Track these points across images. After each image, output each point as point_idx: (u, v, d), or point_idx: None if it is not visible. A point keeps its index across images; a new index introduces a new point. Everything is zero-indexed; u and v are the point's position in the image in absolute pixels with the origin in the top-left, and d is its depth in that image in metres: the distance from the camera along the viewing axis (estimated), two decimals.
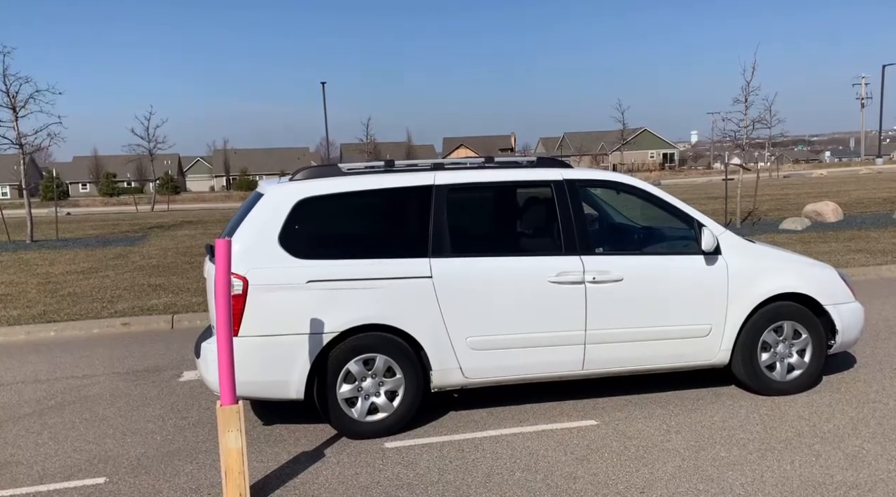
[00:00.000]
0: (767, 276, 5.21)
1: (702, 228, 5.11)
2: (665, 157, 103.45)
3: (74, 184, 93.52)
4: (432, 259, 4.78)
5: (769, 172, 49.52)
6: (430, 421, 4.99)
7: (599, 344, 4.98)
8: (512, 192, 5.14)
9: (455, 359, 4.81)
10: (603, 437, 4.60)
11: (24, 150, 18.46)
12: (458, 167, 5.11)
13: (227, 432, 3.78)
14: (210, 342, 4.63)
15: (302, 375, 4.60)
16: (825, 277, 5.39)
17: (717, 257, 5.14)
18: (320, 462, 4.37)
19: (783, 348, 5.28)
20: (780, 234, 14.49)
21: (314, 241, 4.70)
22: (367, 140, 69.37)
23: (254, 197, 4.99)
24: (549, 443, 4.53)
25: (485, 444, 4.56)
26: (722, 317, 5.13)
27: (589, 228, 5.10)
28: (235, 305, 4.50)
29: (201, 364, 4.73)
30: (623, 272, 4.97)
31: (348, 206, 4.82)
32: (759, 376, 5.21)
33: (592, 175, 5.26)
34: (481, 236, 5.03)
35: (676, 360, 5.15)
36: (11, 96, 17.80)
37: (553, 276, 4.88)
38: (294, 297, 4.56)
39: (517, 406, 5.23)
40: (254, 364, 4.54)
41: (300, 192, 4.75)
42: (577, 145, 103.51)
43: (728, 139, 18.73)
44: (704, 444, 4.43)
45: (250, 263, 4.55)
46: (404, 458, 4.37)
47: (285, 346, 4.56)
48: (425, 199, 4.87)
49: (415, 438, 4.68)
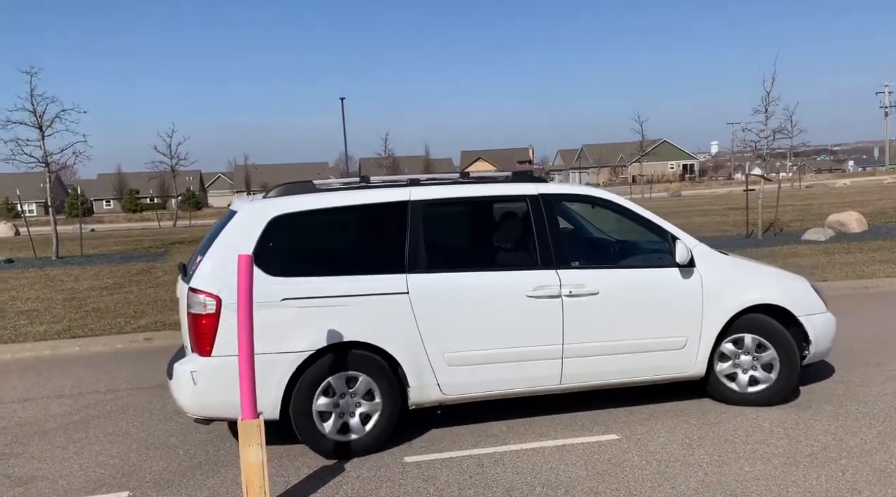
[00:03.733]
0: (741, 287, 5.25)
1: (675, 241, 5.14)
2: (685, 167, 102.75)
3: (99, 200, 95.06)
4: (409, 275, 4.74)
5: (791, 183, 48.97)
6: (450, 435, 4.98)
7: (577, 358, 4.98)
8: (488, 207, 5.16)
9: (433, 375, 4.77)
10: (624, 451, 4.56)
11: (50, 169, 18.82)
12: (434, 182, 5.08)
13: (248, 446, 3.80)
14: (183, 363, 4.56)
15: (277, 395, 4.53)
16: (798, 289, 5.45)
17: (691, 270, 5.16)
18: (340, 476, 4.38)
19: (746, 360, 5.29)
20: (802, 245, 14.31)
21: (289, 258, 4.65)
22: (385, 154, 69.79)
23: (227, 215, 4.93)
24: (569, 457, 4.50)
25: (505, 458, 4.53)
26: (697, 329, 5.15)
27: (565, 242, 5.12)
28: (208, 325, 4.43)
29: (174, 386, 4.62)
30: (599, 286, 4.97)
31: (323, 222, 4.79)
32: (716, 385, 5.30)
33: (567, 189, 5.32)
34: (458, 251, 5.06)
35: (654, 372, 5.16)
36: (38, 116, 18.19)
37: (530, 290, 4.87)
38: (268, 315, 4.49)
39: (537, 420, 5.20)
40: (227, 385, 4.43)
41: (274, 209, 4.71)
42: (595, 157, 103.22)
43: (749, 150, 18.56)
44: (728, 458, 4.37)
45: (224, 282, 4.46)
46: (424, 473, 4.36)
47: (260, 365, 4.43)
48: (401, 214, 4.84)
49: (435, 453, 4.67)
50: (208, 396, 4.49)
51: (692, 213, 25.73)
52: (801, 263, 11.91)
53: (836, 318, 5.60)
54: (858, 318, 8.10)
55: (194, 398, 4.50)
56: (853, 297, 9.56)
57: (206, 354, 4.47)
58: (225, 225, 4.75)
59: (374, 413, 4.71)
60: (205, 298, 4.45)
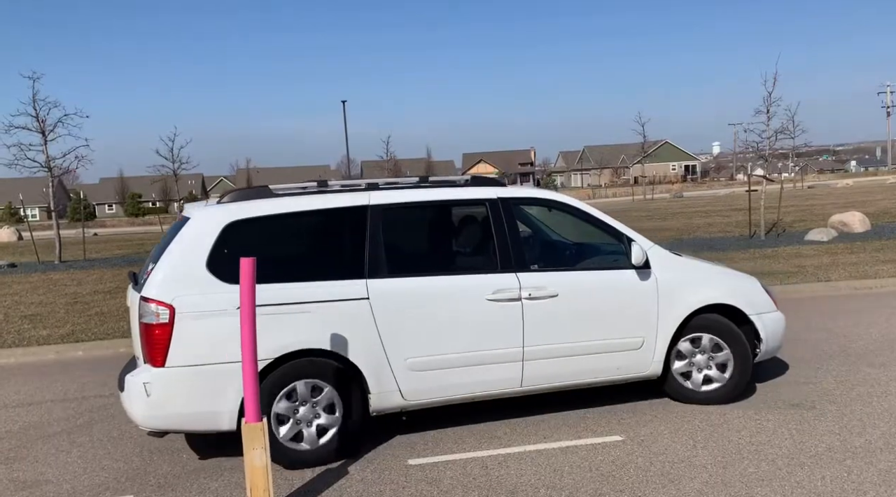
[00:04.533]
0: (695, 287, 5.34)
1: (631, 243, 5.20)
2: (687, 168, 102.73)
3: (101, 205, 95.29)
4: (369, 280, 4.69)
5: (793, 183, 48.91)
6: (453, 437, 4.98)
7: (537, 360, 4.99)
8: (447, 212, 5.17)
9: (394, 381, 4.73)
10: (628, 452, 4.55)
11: (52, 173, 18.88)
12: (394, 187, 5.06)
13: (252, 450, 3.80)
14: (135, 375, 4.45)
15: (235, 405, 4.41)
16: (749, 288, 5.57)
17: (646, 271, 5.22)
18: (344, 479, 4.38)
19: (701, 359, 5.38)
20: (805, 246, 14.29)
21: None
22: (387, 157, 69.85)
23: (180, 221, 4.83)
24: (573, 459, 4.50)
25: (509, 460, 4.53)
26: (654, 329, 5.21)
27: (524, 246, 5.15)
28: (161, 335, 4.33)
29: (125, 398, 4.50)
30: (558, 288, 5.00)
31: (280, 228, 4.71)
32: (672, 384, 5.38)
33: (526, 193, 5.37)
34: (418, 256, 5.05)
35: (612, 373, 5.21)
36: (41, 121, 18.24)
37: (490, 293, 4.87)
38: (224, 323, 4.39)
39: (541, 421, 5.20)
40: (182, 396, 4.37)
41: (229, 214, 4.62)
42: (597, 158, 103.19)
43: (750, 150, 18.56)
44: (732, 459, 4.36)
45: (177, 291, 4.38)
46: (428, 475, 4.36)
47: (216, 375, 4.38)
48: (360, 219, 4.80)
49: (438, 455, 4.67)
50: (162, 408, 4.37)
51: (694, 214, 25.70)
52: (805, 264, 11.90)
53: (785, 316, 5.74)
54: (863, 319, 8.09)
55: (148, 410, 4.37)
56: (857, 297, 9.54)
57: (160, 365, 4.35)
58: (178, 231, 4.64)
59: (332, 425, 4.63)
60: (157, 307, 4.34)
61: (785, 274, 11.01)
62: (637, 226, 21.66)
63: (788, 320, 8.13)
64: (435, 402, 4.91)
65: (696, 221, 22.23)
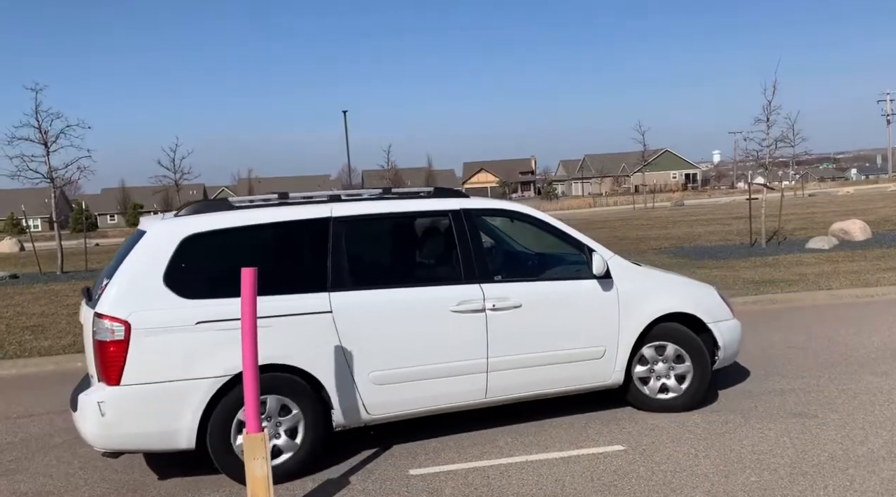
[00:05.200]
0: (655, 297, 5.40)
1: (592, 253, 5.23)
2: (687, 177, 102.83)
3: (103, 215, 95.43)
4: (332, 293, 4.63)
5: (794, 191, 48.93)
6: (455, 446, 4.97)
7: (501, 371, 4.99)
8: (410, 223, 5.17)
9: (357, 395, 4.68)
10: (630, 462, 4.54)
11: (55, 184, 18.93)
12: (356, 199, 5.03)
13: (252, 460, 3.80)
14: (88, 394, 4.35)
15: (193, 423, 4.33)
16: (707, 296, 5.66)
17: (607, 281, 5.26)
18: (346, 490, 4.37)
19: (662, 368, 5.43)
20: (806, 254, 14.28)
21: (204, 279, 4.48)
22: (387, 166, 69.99)
23: (135, 235, 4.71)
24: (575, 469, 4.49)
25: (511, 470, 4.52)
26: (615, 338, 5.25)
27: (487, 257, 5.16)
28: (116, 352, 4.22)
29: (78, 417, 4.39)
30: (521, 299, 5.01)
31: (240, 241, 4.63)
32: (635, 393, 5.42)
33: (488, 204, 5.40)
34: (381, 268, 5.03)
35: (575, 382, 5.24)
36: (43, 132, 18.31)
37: (454, 305, 4.86)
38: (183, 339, 4.31)
39: (542, 430, 5.19)
40: (138, 415, 4.26)
41: (187, 228, 4.53)
42: (597, 167, 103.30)
43: (751, 159, 18.58)
44: (734, 468, 4.35)
45: (133, 306, 4.27)
46: (429, 486, 4.35)
47: (173, 393, 4.29)
48: (322, 231, 4.74)
49: (440, 465, 4.66)
50: (117, 428, 4.25)
51: (695, 223, 25.72)
52: (806, 272, 11.89)
53: (741, 324, 5.81)
54: (864, 327, 8.08)
55: (102, 430, 4.26)
56: (858, 305, 9.53)
57: (115, 383, 4.23)
58: (133, 246, 4.52)
59: (297, 437, 4.55)
60: (112, 324, 4.23)
61: (786, 282, 11.00)
62: (639, 234, 21.73)
63: (790, 329, 8.16)
64: (400, 416, 4.87)
65: (697, 230, 22.23)
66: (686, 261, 14.34)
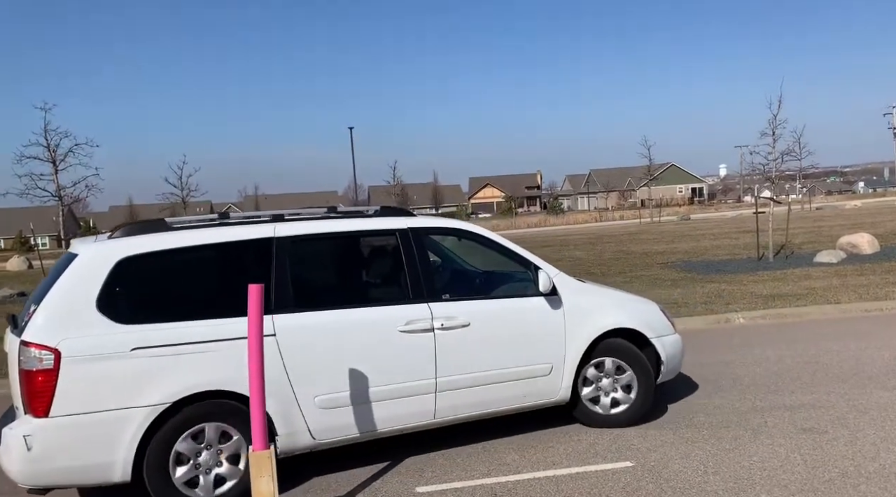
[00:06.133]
0: (600, 312, 5.46)
1: (538, 271, 5.26)
2: (694, 191, 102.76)
3: None
4: (275, 315, 4.50)
5: (801, 205, 48.81)
6: (462, 464, 4.94)
7: (449, 391, 4.95)
8: (357, 243, 5.11)
9: (303, 421, 4.55)
10: (638, 479, 4.50)
11: (63, 202, 19.09)
12: (300, 218, 4.93)
13: (259, 478, 3.79)
14: (13, 427, 4.09)
15: (129, 455, 4.13)
16: (649, 312, 5.73)
17: (553, 297, 5.30)
18: None
19: (607, 383, 5.48)
20: (814, 268, 14.21)
21: (139, 303, 4.31)
22: (394, 182, 70.24)
23: (66, 258, 4.49)
24: (583, 486, 4.45)
25: (518, 488, 4.49)
26: (562, 355, 5.28)
27: (435, 275, 5.17)
28: (45, 382, 4.00)
29: (2, 452, 4.11)
30: (469, 317, 5.00)
31: (177, 263, 4.47)
32: (582, 409, 5.48)
33: (436, 223, 5.40)
34: (327, 289, 4.93)
35: (523, 400, 5.23)
36: (52, 151, 18.51)
37: (402, 325, 4.81)
38: (117, 367, 4.12)
39: (549, 447, 5.16)
40: (69, 448, 4.04)
41: (121, 250, 4.35)
42: (603, 182, 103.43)
43: (757, 172, 18.57)
44: (744, 485, 4.30)
45: (63, 333, 4.07)
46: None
47: (108, 423, 4.09)
48: (265, 252, 4.62)
49: (446, 482, 4.63)
50: (46, 463, 4.01)
51: (702, 237, 25.65)
52: (815, 286, 11.83)
53: (682, 338, 5.92)
54: (873, 342, 8.01)
55: (28, 465, 4.01)
56: (868, 319, 9.46)
57: (42, 415, 4.01)
58: (64, 269, 4.32)
59: (233, 474, 4.40)
60: (40, 352, 4.02)
61: (794, 296, 10.94)
62: (645, 248, 21.68)
63: (799, 344, 8.10)
64: (346, 441, 4.76)
65: (704, 244, 22.17)
66: (693, 275, 14.29)
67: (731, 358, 7.64)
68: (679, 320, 9.65)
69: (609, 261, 18.53)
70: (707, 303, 10.77)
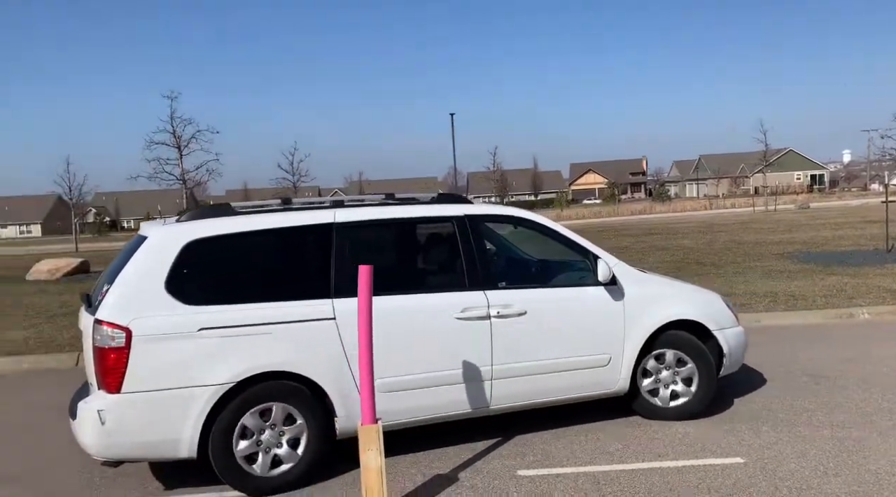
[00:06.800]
0: (661, 304, 5.34)
1: (597, 260, 5.18)
2: (813, 178, 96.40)
3: None
4: (335, 300, 4.56)
5: None
6: (564, 451, 4.92)
7: (505, 379, 4.92)
8: (414, 229, 5.10)
9: None
10: (750, 476, 4.32)
11: (186, 185, 20.43)
12: (359, 204, 4.96)
13: (367, 451, 3.93)
14: (88, 402, 4.26)
15: (195, 432, 4.24)
16: (712, 304, 5.59)
17: (613, 288, 5.22)
18: (455, 486, 4.43)
19: (667, 375, 5.37)
20: None
21: (206, 285, 4.41)
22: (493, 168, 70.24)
23: (136, 240, 4.63)
24: (690, 479, 4.33)
25: (621, 477, 4.42)
26: (620, 346, 5.20)
27: (491, 263, 5.15)
28: (117, 359, 4.14)
29: (77, 426, 4.29)
30: (526, 305, 4.95)
31: (242, 247, 4.56)
32: (641, 401, 5.37)
33: (493, 210, 5.40)
34: (385, 274, 4.80)
35: (581, 390, 5.18)
36: (177, 137, 19.82)
37: (458, 312, 4.79)
38: (185, 346, 4.24)
39: (655, 438, 5.04)
40: (139, 423, 4.18)
41: (189, 233, 4.46)
42: (714, 168, 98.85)
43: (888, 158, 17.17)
44: (870, 490, 4.04)
45: (134, 313, 4.20)
46: (538, 487, 4.33)
47: (175, 400, 4.21)
48: (325, 237, 4.68)
49: (548, 468, 4.63)
50: (118, 436, 4.17)
51: (822, 227, 24.05)
52: None
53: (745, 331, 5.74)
54: None
55: (101, 439, 4.17)
56: None
57: (115, 391, 4.16)
58: (134, 251, 4.46)
59: (300, 446, 4.49)
60: (112, 331, 4.16)
61: None
62: (760, 238, 20.62)
63: None
64: (402, 424, 4.78)
65: (824, 234, 20.78)
66: (812, 267, 13.44)
67: (854, 355, 7.16)
68: (796, 314, 9.14)
69: (720, 250, 17.74)
70: (827, 296, 10.11)
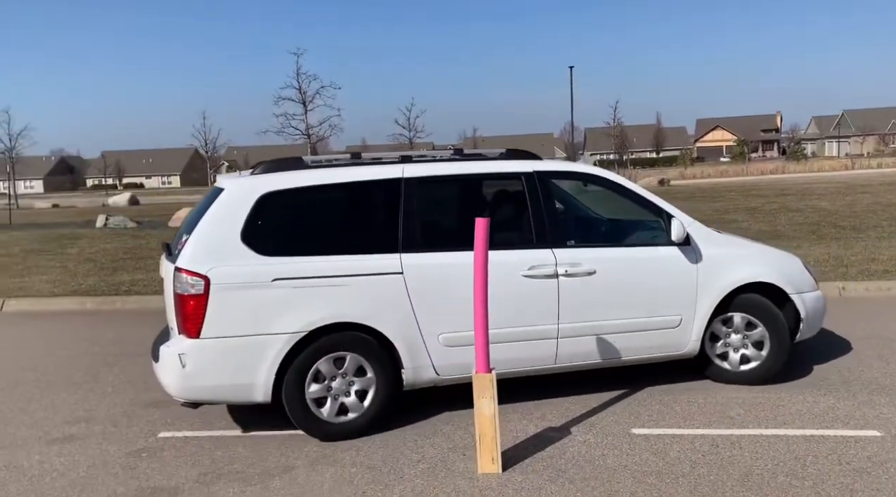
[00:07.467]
0: (736, 265, 5.17)
1: (671, 220, 5.02)
2: None
3: None
4: (403, 254, 4.59)
5: None
6: (681, 413, 4.81)
7: (572, 338, 4.89)
8: (482, 185, 5.06)
9: (427, 356, 4.64)
10: (888, 451, 4.05)
11: (311, 140, 21.29)
12: (427, 159, 4.92)
13: (481, 399, 4.02)
14: (169, 345, 4.47)
15: (269, 377, 4.41)
16: (790, 266, 5.39)
17: (686, 248, 5.07)
18: (567, 439, 4.46)
19: (736, 339, 5.24)
20: None
21: (279, 237, 4.53)
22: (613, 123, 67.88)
23: (213, 192, 4.76)
24: (819, 449, 4.11)
25: (742, 441, 4.27)
26: (692, 307, 5.08)
27: (560, 221, 5.08)
28: (196, 306, 4.31)
29: (160, 368, 4.52)
30: (595, 265, 4.86)
31: (314, 200, 4.63)
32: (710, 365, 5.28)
33: (563, 167, 5.35)
34: (452, 230, 4.90)
35: (649, 352, 5.10)
36: (302, 93, 20.62)
37: (525, 269, 4.74)
38: (259, 295, 4.38)
39: (780, 405, 4.82)
40: (217, 367, 4.37)
41: (263, 186, 4.56)
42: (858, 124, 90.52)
43: None
44: None
45: (212, 262, 4.36)
46: (653, 446, 4.28)
47: (251, 347, 4.37)
48: (394, 192, 4.67)
49: (664, 428, 4.55)
50: (197, 379, 4.37)
51: None
52: None
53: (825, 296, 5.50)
54: None
55: (183, 381, 4.38)
56: None
57: (195, 336, 4.35)
58: (211, 203, 4.59)
59: (367, 394, 4.60)
60: (192, 279, 4.33)
61: None
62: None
63: None
64: (467, 379, 4.69)
65: None
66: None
67: None
68: None
69: (861, 213, 16.35)
70: None
